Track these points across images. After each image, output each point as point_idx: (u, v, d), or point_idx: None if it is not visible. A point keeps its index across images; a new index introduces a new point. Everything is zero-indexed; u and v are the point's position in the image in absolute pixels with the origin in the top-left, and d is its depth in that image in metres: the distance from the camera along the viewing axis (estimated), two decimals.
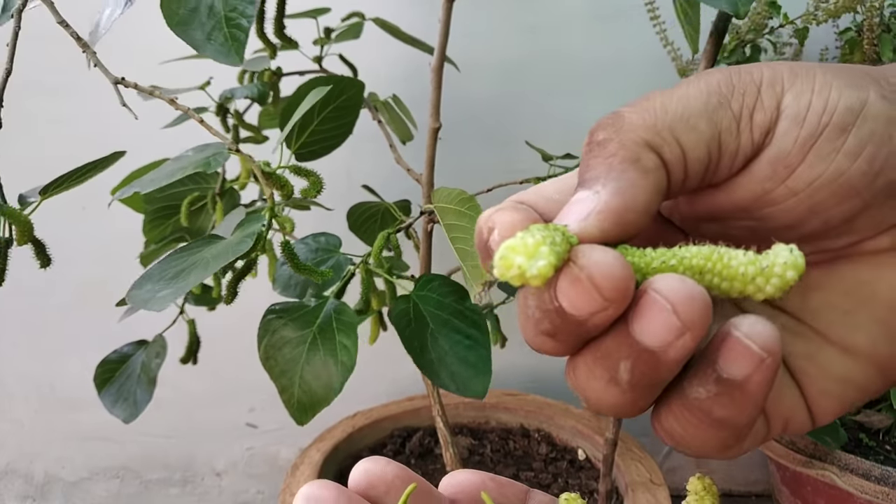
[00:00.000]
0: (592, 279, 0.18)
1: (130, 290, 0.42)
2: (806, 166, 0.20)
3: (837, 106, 0.20)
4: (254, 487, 1.17)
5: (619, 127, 0.21)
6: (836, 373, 0.22)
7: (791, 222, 0.22)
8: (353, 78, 0.65)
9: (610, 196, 0.20)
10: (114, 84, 0.46)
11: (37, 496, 1.16)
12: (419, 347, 0.49)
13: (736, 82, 0.21)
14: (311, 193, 0.48)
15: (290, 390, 0.48)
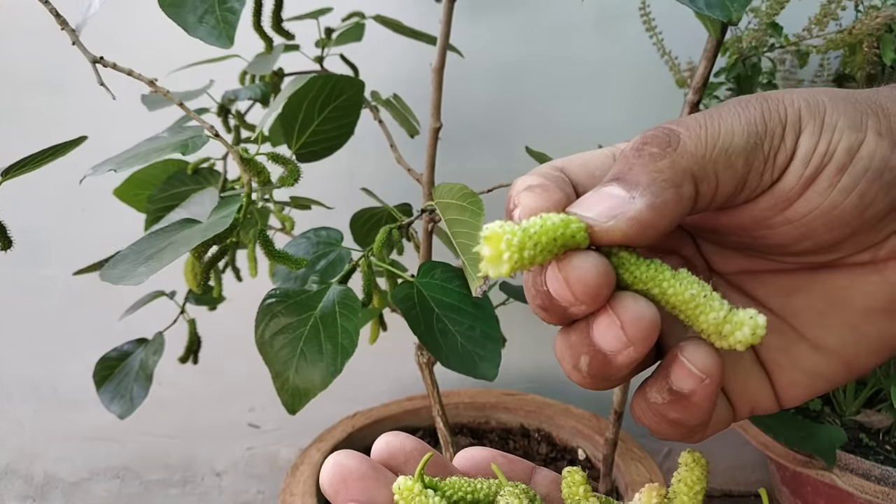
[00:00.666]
0: (568, 280, 0.21)
1: (105, 269, 0.42)
2: (803, 200, 0.22)
3: (838, 147, 0.22)
4: (254, 487, 1.17)
5: (674, 147, 0.22)
6: (806, 366, 0.25)
7: (784, 243, 0.24)
8: (353, 77, 0.65)
9: (644, 207, 0.21)
10: (92, 63, 0.46)
11: (37, 496, 1.16)
12: (425, 328, 0.49)
13: (768, 120, 0.22)
14: (287, 182, 0.48)
15: (285, 375, 0.48)
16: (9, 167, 0.45)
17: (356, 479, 0.24)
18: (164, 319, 0.76)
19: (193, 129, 0.48)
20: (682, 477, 0.25)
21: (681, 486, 0.25)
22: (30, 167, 0.46)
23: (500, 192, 0.71)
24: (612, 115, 0.98)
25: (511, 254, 0.20)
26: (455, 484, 0.25)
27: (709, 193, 0.22)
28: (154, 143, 0.48)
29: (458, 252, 0.47)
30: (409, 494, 0.24)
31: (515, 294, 0.83)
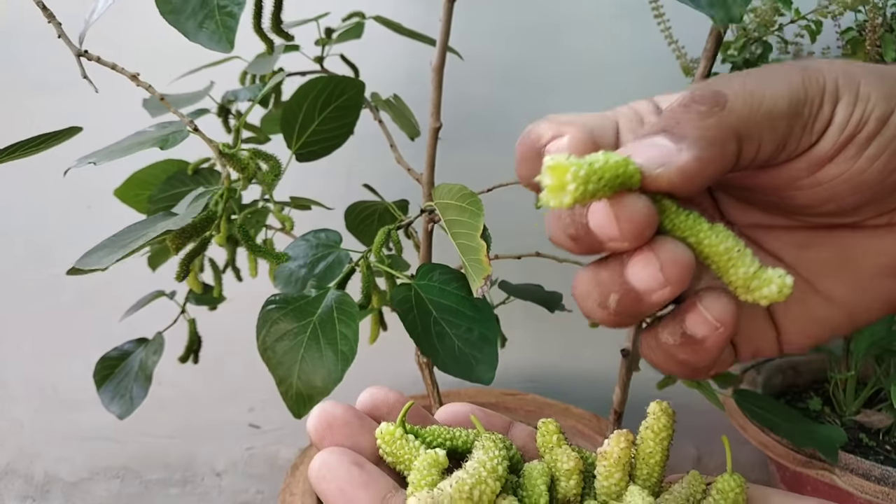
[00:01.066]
0: (618, 218, 0.22)
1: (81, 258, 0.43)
2: (833, 164, 0.24)
3: (870, 116, 0.23)
4: (254, 487, 1.17)
5: (721, 106, 0.23)
6: (816, 315, 0.27)
7: (810, 204, 0.25)
8: (354, 78, 0.65)
9: (692, 159, 0.22)
10: (76, 56, 0.47)
11: (37, 496, 1.16)
12: (422, 331, 0.49)
13: (808, 88, 0.24)
14: (268, 178, 0.48)
15: (289, 381, 0.48)
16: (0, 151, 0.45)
17: (341, 425, 0.25)
18: (165, 319, 0.76)
19: (176, 125, 0.48)
20: (650, 424, 0.26)
21: (648, 432, 0.26)
22: (21, 153, 0.46)
23: (500, 192, 0.71)
24: None
25: (577, 185, 0.21)
26: (434, 431, 0.26)
27: (751, 152, 0.23)
28: (138, 138, 0.48)
29: (458, 253, 0.47)
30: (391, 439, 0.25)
31: (516, 293, 0.83)
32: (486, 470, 0.23)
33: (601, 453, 0.26)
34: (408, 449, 0.25)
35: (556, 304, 0.82)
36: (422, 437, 0.26)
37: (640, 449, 0.26)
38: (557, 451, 0.26)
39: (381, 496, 0.24)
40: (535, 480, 0.25)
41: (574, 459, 0.26)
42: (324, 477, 0.24)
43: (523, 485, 0.25)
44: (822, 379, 1.00)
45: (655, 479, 0.26)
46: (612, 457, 0.25)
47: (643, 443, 0.26)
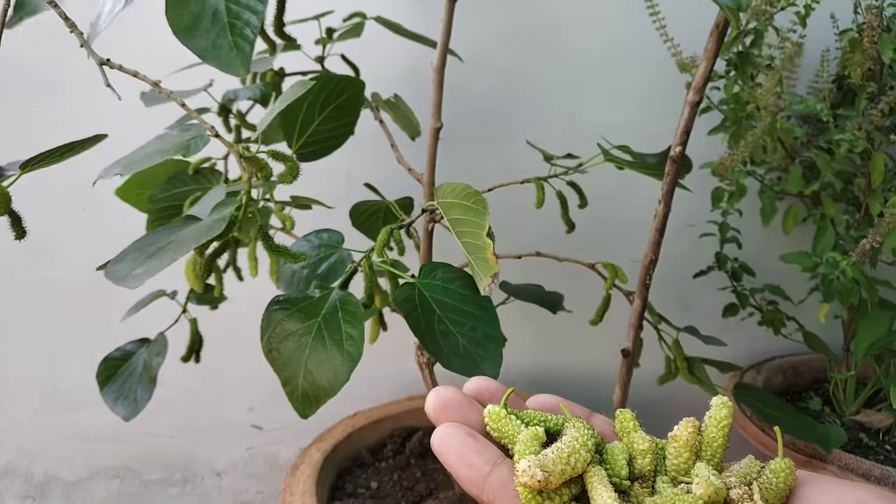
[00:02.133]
0: None
1: (110, 265, 0.42)
2: None
3: None
4: (254, 487, 1.17)
5: None
6: None
7: None
8: (354, 77, 0.65)
9: None
10: (99, 65, 0.46)
11: (37, 496, 1.16)
12: (426, 330, 0.49)
13: None
14: (287, 179, 0.48)
15: (294, 382, 0.48)
16: (26, 161, 0.46)
17: (455, 405, 0.30)
18: (165, 319, 0.76)
19: (196, 129, 0.48)
20: (713, 413, 0.30)
21: (711, 420, 0.30)
22: (48, 162, 0.46)
23: (500, 192, 0.71)
24: (613, 114, 0.98)
25: None
26: (531, 414, 0.31)
27: None
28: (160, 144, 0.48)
29: (464, 251, 0.47)
30: (497, 417, 0.30)
31: (516, 293, 0.83)
32: (579, 443, 0.28)
33: (671, 437, 0.30)
34: (511, 426, 0.30)
35: (557, 305, 0.82)
36: (521, 417, 0.31)
37: (705, 434, 0.30)
38: (634, 435, 0.31)
39: (492, 461, 0.29)
40: (617, 456, 0.30)
41: (648, 441, 0.30)
42: (445, 444, 0.29)
43: (607, 460, 0.30)
44: (822, 379, 1.00)
45: (717, 459, 0.30)
46: (682, 439, 0.29)
47: (707, 429, 0.30)
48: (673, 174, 0.62)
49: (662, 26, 0.82)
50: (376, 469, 0.91)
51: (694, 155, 0.74)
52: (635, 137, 0.76)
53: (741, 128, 0.84)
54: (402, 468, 0.91)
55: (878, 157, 0.79)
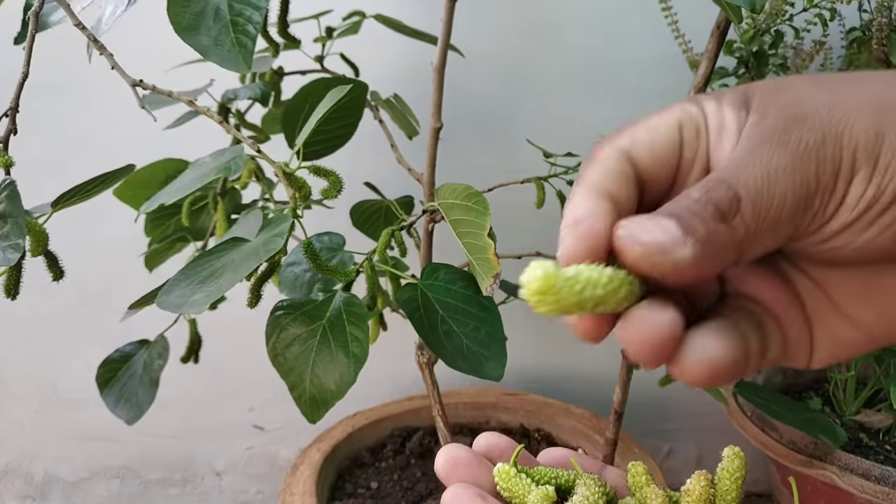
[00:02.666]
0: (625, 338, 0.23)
1: (160, 296, 0.42)
2: (841, 237, 0.23)
3: (885, 190, 0.22)
4: (254, 487, 1.17)
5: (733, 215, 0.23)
6: (836, 335, 0.26)
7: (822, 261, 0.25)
8: (357, 79, 0.65)
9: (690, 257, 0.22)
10: (132, 86, 0.46)
11: (37, 496, 1.16)
12: (429, 330, 0.49)
13: (822, 175, 0.23)
14: (331, 194, 0.48)
15: (301, 386, 0.48)
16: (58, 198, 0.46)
17: (464, 464, 0.30)
18: (164, 319, 0.76)
19: (234, 150, 0.48)
20: (725, 466, 0.30)
21: (724, 472, 0.30)
22: (79, 198, 0.47)
23: (500, 192, 0.71)
24: (613, 114, 0.98)
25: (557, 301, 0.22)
26: (541, 471, 0.31)
27: (750, 257, 0.23)
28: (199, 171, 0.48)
29: (465, 252, 0.47)
30: (507, 477, 0.30)
31: (516, 292, 0.83)
32: (590, 501, 0.29)
33: (684, 491, 0.30)
34: (521, 485, 0.29)
35: None
36: (531, 475, 0.30)
37: (718, 487, 0.30)
38: (646, 490, 0.31)
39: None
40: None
41: (661, 496, 0.30)
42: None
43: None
44: (822, 379, 1.00)
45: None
46: (695, 493, 0.30)
47: (720, 482, 0.30)
48: None
49: (675, 21, 0.80)
50: (376, 469, 0.91)
51: None
52: None
53: None
54: (402, 468, 0.91)
55: None
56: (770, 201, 0.22)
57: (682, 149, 0.26)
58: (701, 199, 0.23)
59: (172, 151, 0.76)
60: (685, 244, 0.22)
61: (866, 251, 0.23)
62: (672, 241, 0.22)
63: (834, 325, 0.26)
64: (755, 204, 0.22)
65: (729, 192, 0.23)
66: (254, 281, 0.53)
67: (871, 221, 0.23)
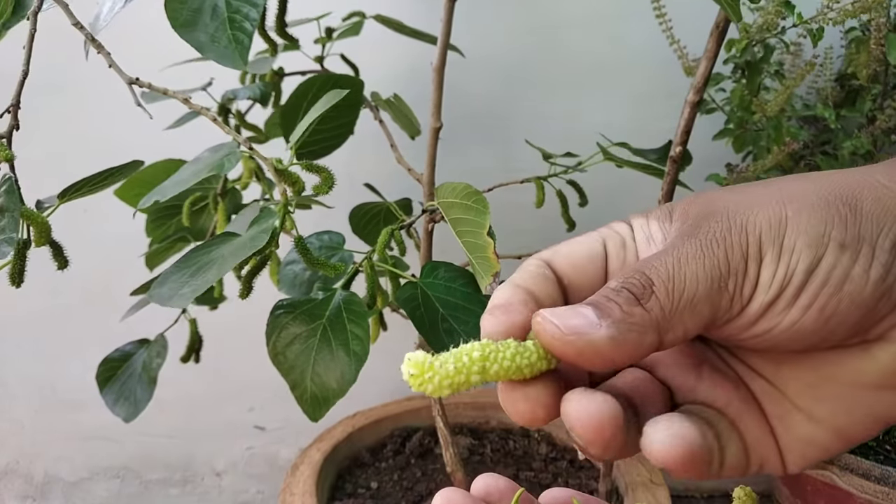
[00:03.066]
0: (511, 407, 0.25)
1: (153, 289, 0.42)
2: (765, 320, 0.24)
3: (796, 269, 0.23)
4: (254, 487, 1.17)
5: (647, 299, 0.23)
6: (800, 434, 0.26)
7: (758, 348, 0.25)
8: (352, 77, 0.65)
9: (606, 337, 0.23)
10: (129, 84, 0.46)
11: (37, 496, 1.16)
12: (430, 328, 0.49)
13: (731, 258, 0.24)
14: (322, 190, 0.48)
15: (303, 385, 0.48)
16: (65, 190, 0.46)
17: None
18: (164, 319, 0.76)
19: (228, 147, 0.48)
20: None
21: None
22: (86, 191, 0.47)
23: (499, 192, 0.71)
24: (613, 114, 0.98)
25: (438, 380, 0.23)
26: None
27: (674, 339, 0.24)
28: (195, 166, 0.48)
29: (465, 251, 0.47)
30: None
31: None
32: None
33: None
34: None
35: None
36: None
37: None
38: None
39: None
40: None
41: None
42: None
43: None
44: None
45: None
46: None
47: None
48: (673, 174, 0.62)
49: (669, 28, 0.81)
50: (376, 469, 0.91)
51: (696, 158, 0.74)
52: (635, 137, 0.76)
53: (746, 133, 0.84)
54: (402, 468, 0.91)
55: (880, 159, 0.79)
56: (682, 283, 0.23)
57: (606, 259, 0.28)
58: (616, 286, 0.24)
59: (173, 152, 0.76)
60: (601, 326, 0.23)
61: (798, 334, 0.24)
62: (588, 323, 0.23)
63: (796, 425, 0.26)
64: (667, 286, 0.23)
65: (642, 278, 0.24)
66: (245, 272, 0.53)
67: (790, 302, 0.23)
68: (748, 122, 0.83)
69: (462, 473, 0.75)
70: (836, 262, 0.23)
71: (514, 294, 0.26)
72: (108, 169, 0.47)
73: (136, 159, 0.50)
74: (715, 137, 0.88)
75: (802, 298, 0.23)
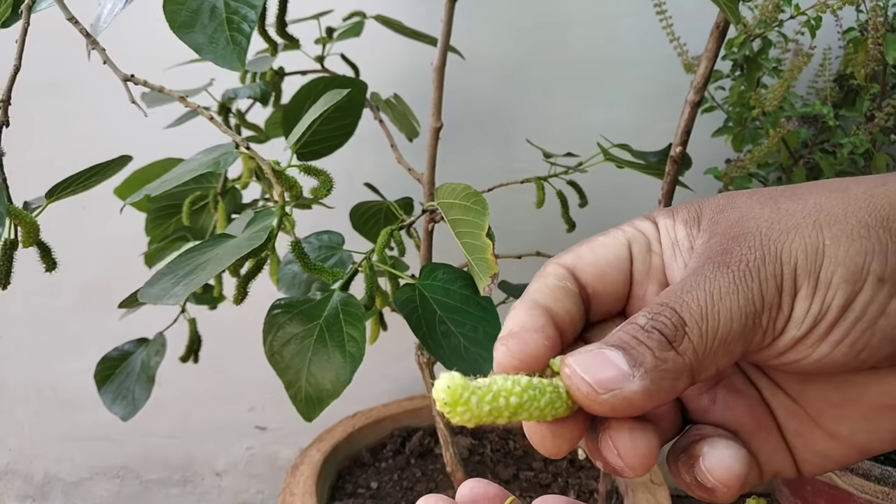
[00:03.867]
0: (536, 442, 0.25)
1: (143, 288, 0.42)
2: (794, 352, 0.23)
3: (831, 305, 0.22)
4: (254, 487, 1.17)
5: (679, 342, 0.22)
6: (818, 449, 0.26)
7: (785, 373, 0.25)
8: (355, 78, 0.65)
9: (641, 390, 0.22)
10: (123, 81, 0.46)
11: (37, 496, 1.16)
12: (427, 331, 0.49)
13: (765, 292, 0.22)
14: (321, 193, 0.48)
15: (297, 385, 0.48)
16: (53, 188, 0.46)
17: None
18: (164, 319, 0.76)
19: (223, 147, 0.48)
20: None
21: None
22: (74, 189, 0.46)
23: (500, 192, 0.71)
24: (613, 114, 0.98)
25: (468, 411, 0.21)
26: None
27: (706, 378, 0.23)
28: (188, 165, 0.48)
29: (464, 252, 0.47)
30: None
31: (516, 293, 0.83)
32: None
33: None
34: None
35: None
36: None
37: None
38: None
39: None
40: None
41: None
42: None
43: None
44: None
45: None
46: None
47: None
48: (673, 174, 0.62)
49: (669, 25, 0.81)
50: (376, 469, 0.91)
51: (696, 155, 0.73)
52: (635, 137, 0.76)
53: (745, 130, 0.84)
54: (402, 468, 0.91)
55: (879, 158, 0.79)
56: (716, 323, 0.22)
57: (632, 265, 0.26)
58: (647, 325, 0.23)
59: (173, 151, 0.76)
60: (633, 377, 0.22)
61: (827, 366, 0.23)
62: (621, 375, 0.22)
63: (815, 441, 0.25)
64: (701, 326, 0.22)
65: (674, 317, 0.22)
66: (240, 278, 0.52)
67: (821, 337, 0.22)
68: (747, 118, 0.83)
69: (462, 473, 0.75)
70: (873, 297, 0.22)
71: (530, 319, 0.24)
72: (95, 165, 0.47)
73: (124, 155, 0.49)
74: (714, 135, 0.88)
75: (834, 334, 0.22)
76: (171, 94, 0.46)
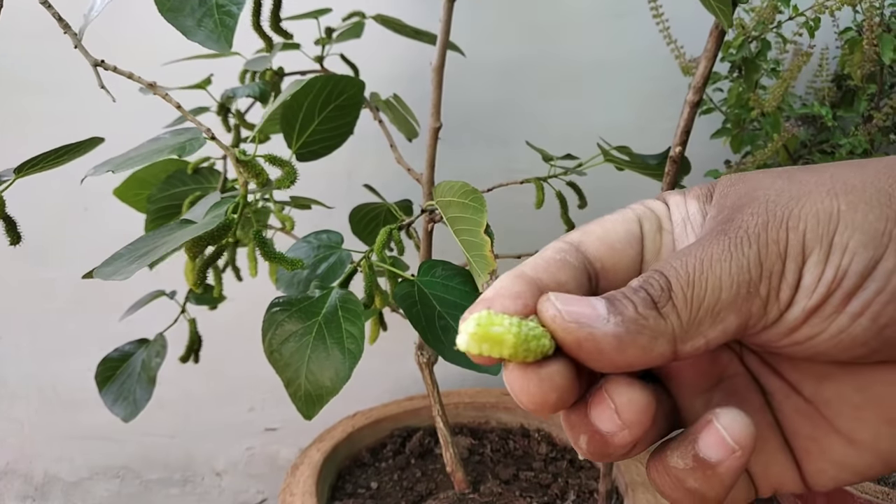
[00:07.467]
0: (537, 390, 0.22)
1: (98, 267, 0.42)
2: (807, 326, 0.21)
3: (848, 271, 0.20)
4: (254, 487, 1.17)
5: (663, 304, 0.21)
6: (836, 457, 0.24)
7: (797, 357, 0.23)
8: (353, 77, 0.65)
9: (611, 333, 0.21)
10: (93, 66, 0.46)
11: (37, 496, 1.16)
12: (426, 325, 0.49)
13: (764, 260, 0.21)
14: (284, 184, 0.48)
15: (297, 383, 0.48)
16: (22, 164, 0.46)
17: None
18: (164, 319, 0.76)
19: (192, 132, 0.48)
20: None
21: None
22: (43, 166, 0.46)
23: (499, 192, 0.71)
24: (613, 115, 0.98)
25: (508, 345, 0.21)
26: None
27: (693, 350, 0.22)
28: (154, 145, 0.48)
29: (462, 249, 0.47)
30: None
31: None
32: None
33: None
34: None
35: None
36: None
37: None
38: None
39: None
40: None
41: None
42: None
43: None
44: None
45: None
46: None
47: None
48: (672, 174, 0.62)
49: (666, 28, 0.81)
50: (376, 469, 0.91)
51: (695, 157, 0.74)
52: (635, 138, 0.76)
53: (743, 132, 0.84)
54: (402, 468, 0.91)
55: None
56: (702, 290, 0.21)
57: (643, 241, 0.25)
58: (636, 286, 0.22)
59: None
60: (608, 321, 0.21)
61: (846, 343, 0.21)
62: (593, 314, 0.21)
63: (833, 448, 0.24)
64: (686, 292, 0.21)
65: (662, 280, 0.22)
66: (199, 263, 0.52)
67: (838, 308, 0.21)
68: (745, 120, 0.83)
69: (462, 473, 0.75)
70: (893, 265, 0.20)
71: (507, 287, 0.23)
72: (67, 144, 0.47)
73: (95, 136, 0.49)
74: (713, 136, 0.88)
75: (853, 304, 0.20)
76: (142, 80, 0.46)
